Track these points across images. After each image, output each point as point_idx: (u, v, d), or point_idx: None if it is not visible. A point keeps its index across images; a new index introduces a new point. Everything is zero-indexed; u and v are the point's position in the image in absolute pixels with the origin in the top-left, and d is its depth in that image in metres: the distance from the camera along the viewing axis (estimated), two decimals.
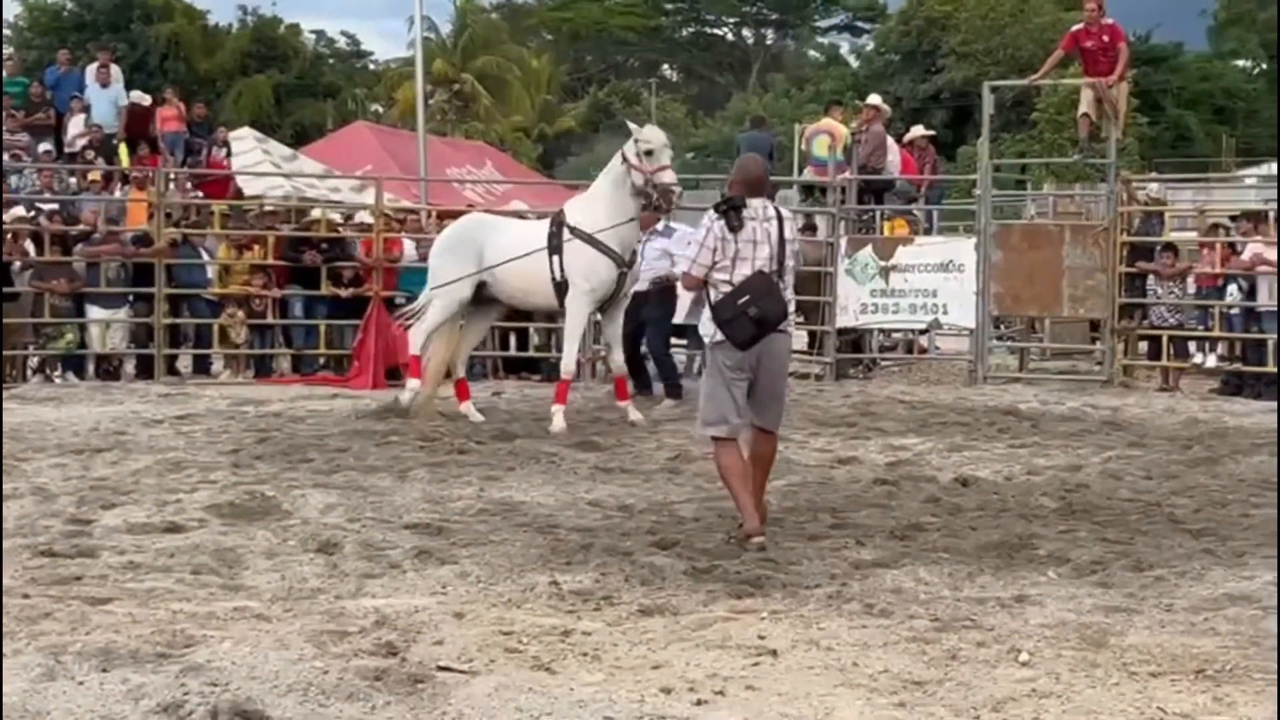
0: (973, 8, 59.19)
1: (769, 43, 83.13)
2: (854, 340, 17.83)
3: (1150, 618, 6.17)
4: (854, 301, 16.90)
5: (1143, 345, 17.06)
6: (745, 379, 7.70)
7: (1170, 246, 16.55)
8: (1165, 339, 16.30)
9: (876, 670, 5.39)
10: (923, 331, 18.17)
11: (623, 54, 79.68)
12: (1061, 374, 17.73)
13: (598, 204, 12.60)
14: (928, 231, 18.90)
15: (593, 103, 70.54)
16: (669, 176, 12.31)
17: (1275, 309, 15.40)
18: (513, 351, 17.45)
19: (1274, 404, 13.94)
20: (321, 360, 17.00)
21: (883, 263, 16.82)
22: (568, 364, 12.86)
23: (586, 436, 11.58)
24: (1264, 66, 69.12)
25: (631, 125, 12.81)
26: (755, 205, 7.75)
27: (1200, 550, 7.52)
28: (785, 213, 8.03)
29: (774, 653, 5.59)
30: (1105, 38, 16.69)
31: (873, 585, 6.71)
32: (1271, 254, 15.49)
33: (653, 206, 12.75)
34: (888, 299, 16.86)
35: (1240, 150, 57.67)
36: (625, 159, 12.37)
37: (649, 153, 12.27)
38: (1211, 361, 16.60)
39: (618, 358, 13.13)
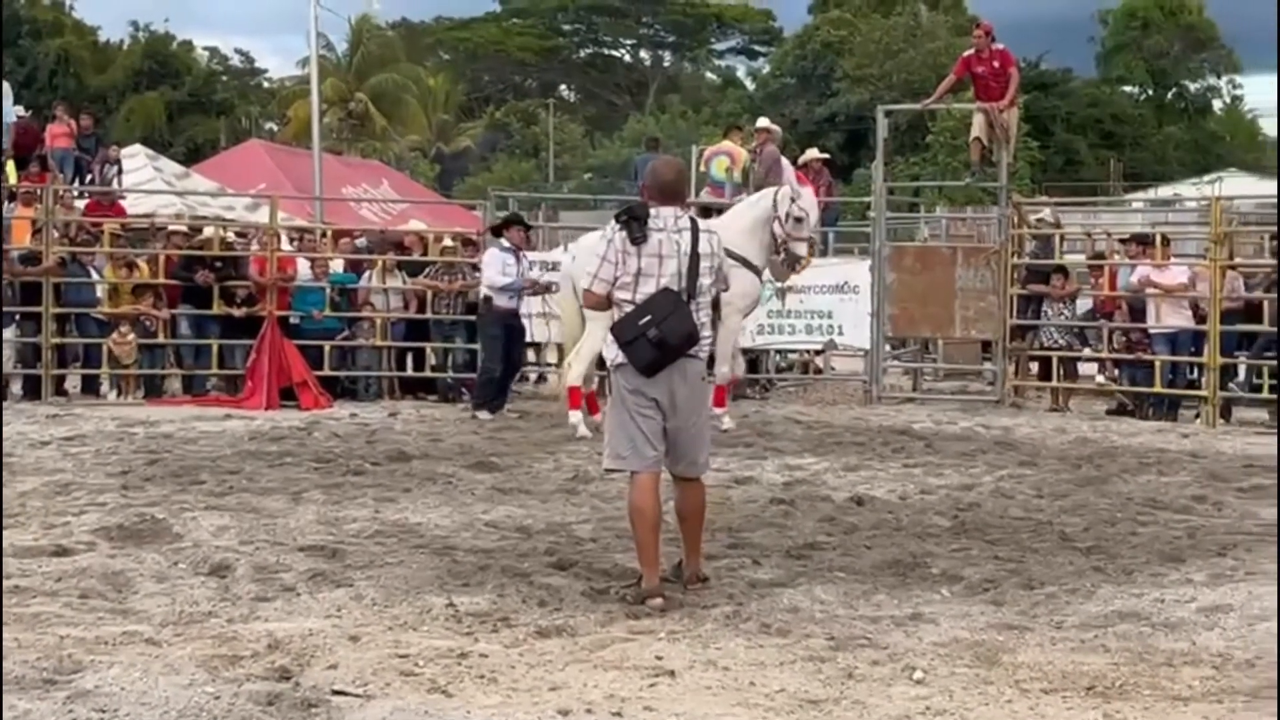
0: (867, 32, 60.04)
1: (666, 65, 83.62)
2: (751, 361, 17.91)
3: (1041, 635, 6.25)
4: (750, 322, 16.96)
5: (1033, 366, 17.30)
6: (653, 408, 6.86)
7: (1061, 269, 16.82)
8: (1055, 360, 16.55)
9: (773, 689, 5.41)
10: (818, 352, 18.30)
11: (520, 74, 79.71)
12: (954, 394, 17.95)
13: (743, 234, 13.47)
14: (823, 253, 19.05)
15: (490, 122, 70.48)
16: (803, 250, 13.76)
17: (1164, 331, 15.69)
18: (409, 372, 17.33)
19: (1161, 424, 14.22)
20: (213, 380, 16.77)
21: (779, 284, 16.91)
22: (726, 372, 13.74)
23: (483, 457, 11.53)
24: (1150, 93, 70.76)
25: (795, 187, 13.81)
26: (665, 215, 6.93)
27: (1090, 568, 7.64)
28: (704, 224, 7.21)
29: (671, 673, 5.58)
30: (996, 63, 16.96)
31: (769, 605, 6.73)
32: (1159, 276, 15.78)
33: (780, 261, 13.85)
34: (784, 320, 16.97)
35: (1127, 174, 58.91)
36: (776, 209, 13.38)
37: (799, 220, 13.37)
38: (1101, 379, 16.90)
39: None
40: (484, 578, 7.10)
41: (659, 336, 6.78)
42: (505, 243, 15.25)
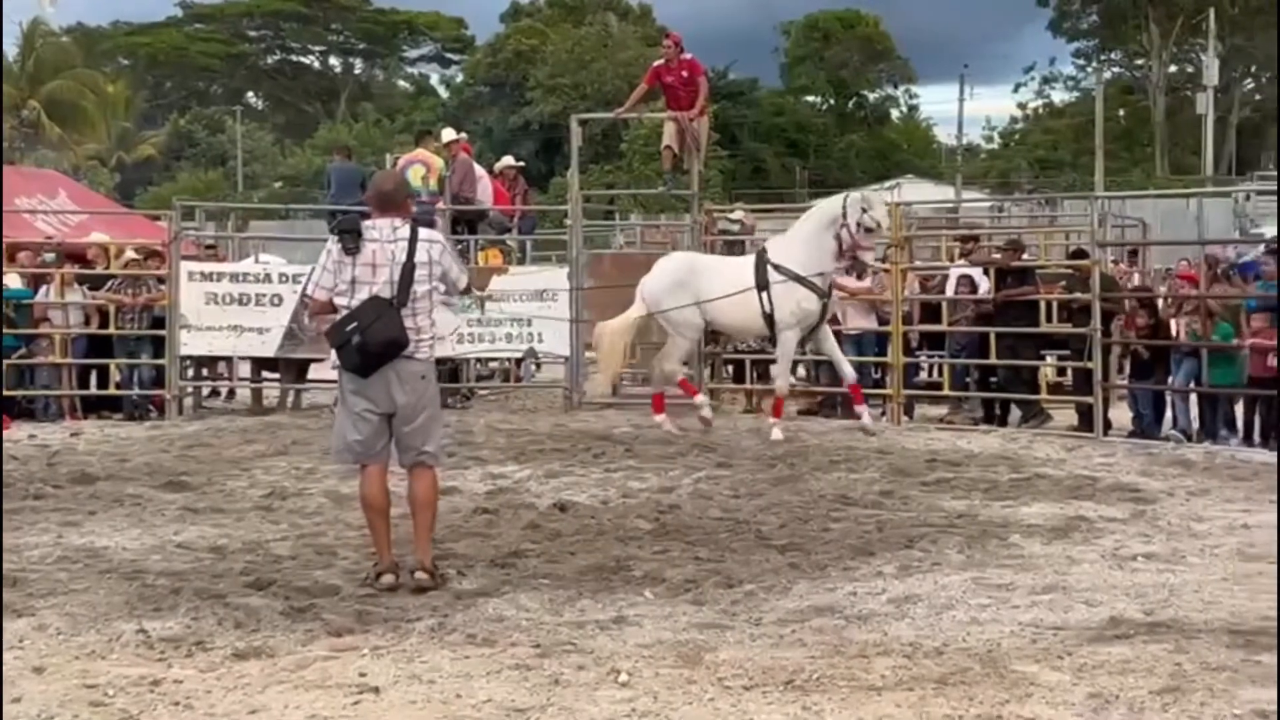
0: (559, 42, 60.52)
1: (357, 72, 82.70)
2: (451, 370, 17.80)
3: (741, 632, 6.39)
4: (450, 331, 16.83)
5: (728, 369, 17.65)
6: (372, 406, 7.33)
7: None
8: (749, 363, 16.93)
9: (480, 700, 5.39)
10: (519, 360, 18.32)
11: (205, 80, 77.69)
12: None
13: (800, 244, 13.83)
14: (521, 261, 19.09)
15: (174, 130, 68.43)
16: (870, 258, 14.17)
17: (850, 332, 16.21)
18: (93, 390, 16.61)
19: (849, 423, 14.70)
20: None
21: (478, 293, 16.81)
22: (781, 386, 14.22)
23: (173, 476, 11.13)
24: (832, 102, 73.45)
25: (867, 196, 14.17)
26: (381, 225, 7.35)
27: (786, 565, 7.84)
28: (427, 234, 7.59)
29: (376, 690, 5.51)
30: (685, 73, 17.23)
31: (475, 615, 6.71)
32: (844, 280, 16.28)
33: (845, 268, 14.02)
34: (484, 328, 16.87)
35: (812, 181, 61.00)
36: (845, 217, 13.42)
37: (870, 230, 13.48)
38: (792, 380, 17.32)
39: (848, 371, 14.07)
40: (177, 601, 6.89)
41: (361, 342, 7.20)
42: None
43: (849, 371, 14.11)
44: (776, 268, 13.81)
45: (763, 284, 13.84)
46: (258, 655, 5.99)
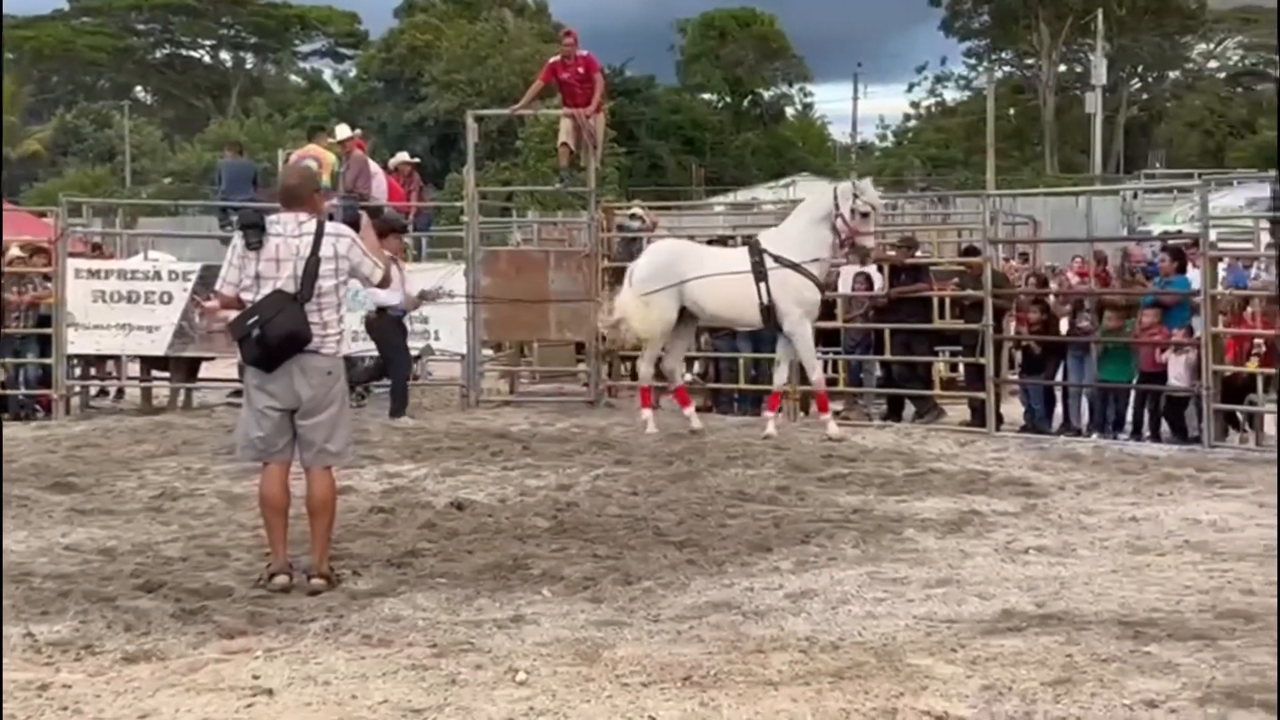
0: (454, 38, 60.22)
1: (248, 66, 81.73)
2: (349, 368, 17.61)
3: (639, 629, 6.40)
4: (346, 329, 16.63)
5: (625, 366, 17.66)
6: (274, 402, 7.30)
7: None
8: None
9: (376, 701, 5.34)
10: (415, 358, 18.18)
11: (92, 75, 76.39)
12: (550, 396, 18.16)
13: (795, 237, 13.74)
14: (417, 258, 18.94)
15: (60, 125, 67.24)
16: (871, 242, 14.09)
17: (746, 330, 16.28)
18: None
19: (746, 419, 14.78)
20: None
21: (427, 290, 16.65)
22: (817, 379, 13.91)
23: (61, 477, 10.91)
24: (728, 100, 73.80)
25: (857, 183, 13.89)
26: (285, 220, 7.37)
27: (684, 561, 7.86)
28: (335, 229, 7.58)
29: (269, 692, 5.44)
30: (581, 70, 17.19)
31: (370, 615, 6.66)
32: None
33: (845, 255, 14.01)
34: None
35: (708, 179, 61.28)
36: (837, 206, 13.36)
37: (865, 215, 13.42)
38: (690, 376, 17.37)
39: (781, 376, 14.16)
40: (65, 604, 6.77)
41: (261, 336, 7.19)
42: (385, 252, 14.64)
43: (782, 378, 14.22)
44: (777, 259, 13.67)
45: (761, 274, 13.68)
46: (148, 658, 5.90)
